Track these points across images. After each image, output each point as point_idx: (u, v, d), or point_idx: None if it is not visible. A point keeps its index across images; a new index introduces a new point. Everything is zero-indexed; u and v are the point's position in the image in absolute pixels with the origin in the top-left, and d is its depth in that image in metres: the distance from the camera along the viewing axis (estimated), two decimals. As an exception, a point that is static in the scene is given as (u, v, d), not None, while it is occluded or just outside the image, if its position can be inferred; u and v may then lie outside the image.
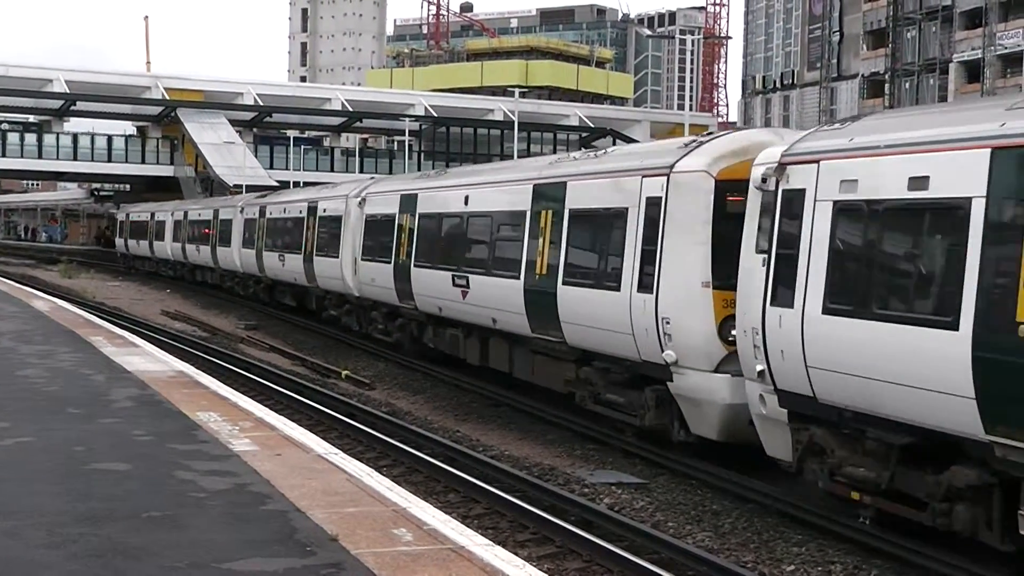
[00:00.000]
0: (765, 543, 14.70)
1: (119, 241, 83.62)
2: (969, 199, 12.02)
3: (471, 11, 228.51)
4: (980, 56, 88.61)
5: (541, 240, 22.43)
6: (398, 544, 9.86)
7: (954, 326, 12.04)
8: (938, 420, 12.50)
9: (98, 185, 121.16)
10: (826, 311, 14.05)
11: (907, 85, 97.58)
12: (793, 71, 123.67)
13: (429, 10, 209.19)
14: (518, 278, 23.14)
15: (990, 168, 11.83)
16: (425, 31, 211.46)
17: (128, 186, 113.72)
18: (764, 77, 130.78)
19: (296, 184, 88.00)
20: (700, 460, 18.42)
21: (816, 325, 14.26)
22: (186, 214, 65.15)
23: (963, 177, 12.12)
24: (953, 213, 12.28)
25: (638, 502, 16.67)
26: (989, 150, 11.88)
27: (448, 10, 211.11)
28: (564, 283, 21.24)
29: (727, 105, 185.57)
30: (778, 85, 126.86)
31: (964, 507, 12.70)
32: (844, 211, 14.11)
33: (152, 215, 74.06)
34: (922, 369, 12.54)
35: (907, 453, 13.47)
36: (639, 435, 19.85)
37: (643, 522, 15.32)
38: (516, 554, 11.08)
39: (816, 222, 14.55)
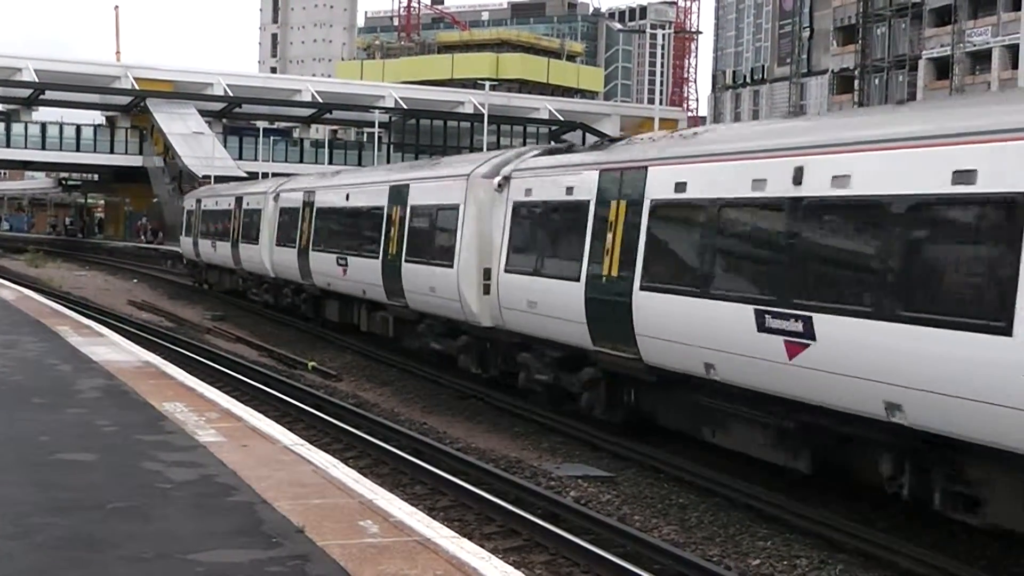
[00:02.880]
0: (731, 537, 14.74)
1: (186, 242, 56.94)
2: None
3: (442, 3, 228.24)
4: (949, 53, 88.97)
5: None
6: (364, 536, 9.84)
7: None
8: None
9: (66, 174, 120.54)
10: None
11: (876, 81, 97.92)
12: (763, 66, 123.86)
13: (400, 2, 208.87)
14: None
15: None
16: (396, 23, 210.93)
17: (96, 176, 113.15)
18: (734, 72, 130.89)
19: (264, 176, 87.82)
20: (668, 453, 18.47)
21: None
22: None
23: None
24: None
25: (604, 495, 16.69)
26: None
27: (419, 2, 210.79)
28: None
29: (697, 100, 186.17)
30: (748, 80, 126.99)
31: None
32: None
33: (239, 202, 46.81)
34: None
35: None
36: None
37: (610, 515, 15.33)
38: (482, 546, 11.07)
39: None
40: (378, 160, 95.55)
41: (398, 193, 29.14)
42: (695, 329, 16.59)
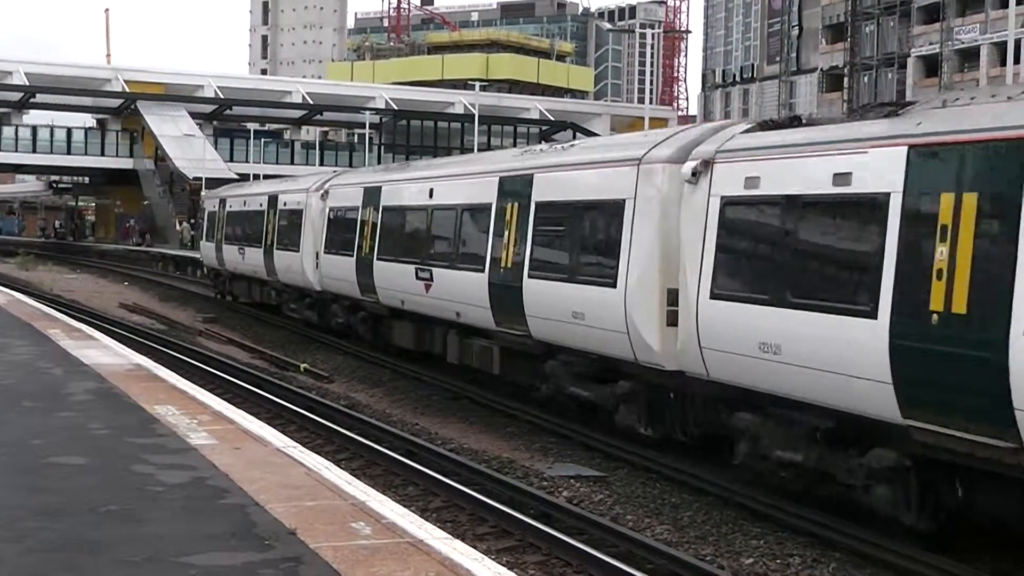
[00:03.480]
0: (724, 536, 14.75)
1: (207, 247, 49.56)
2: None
3: (432, 4, 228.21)
4: (938, 51, 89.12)
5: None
6: (357, 538, 9.84)
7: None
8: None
9: (56, 177, 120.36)
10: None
11: (866, 79, 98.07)
12: (753, 65, 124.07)
13: (390, 3, 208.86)
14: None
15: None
16: (386, 24, 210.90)
17: (87, 179, 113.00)
18: (724, 71, 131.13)
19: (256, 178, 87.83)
20: (660, 453, 18.48)
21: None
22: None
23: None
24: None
25: (597, 495, 16.70)
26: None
27: (409, 3, 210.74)
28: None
29: (687, 99, 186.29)
30: (738, 79, 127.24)
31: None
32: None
33: (273, 202, 39.99)
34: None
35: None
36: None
37: (602, 515, 15.34)
38: (475, 547, 11.08)
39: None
40: (369, 161, 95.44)
41: (514, 186, 22.54)
42: None
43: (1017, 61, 63.60)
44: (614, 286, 18.44)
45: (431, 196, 26.52)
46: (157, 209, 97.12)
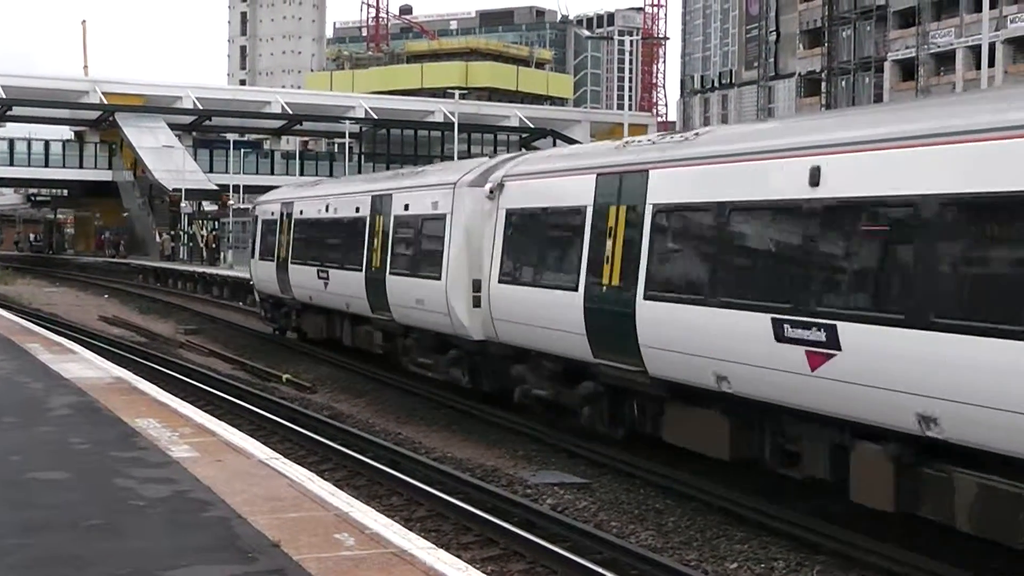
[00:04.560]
0: (708, 541, 14.75)
1: (262, 269, 38.76)
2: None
3: (410, 13, 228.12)
4: (914, 55, 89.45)
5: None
6: (340, 549, 9.81)
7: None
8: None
9: (35, 190, 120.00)
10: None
11: (843, 83, 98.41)
12: (731, 70, 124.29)
13: (368, 12, 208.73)
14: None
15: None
16: (364, 33, 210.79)
17: (66, 191, 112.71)
18: (702, 76, 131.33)
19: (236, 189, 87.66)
20: (644, 459, 18.49)
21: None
22: None
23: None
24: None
25: (581, 502, 16.70)
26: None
27: (387, 12, 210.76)
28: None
29: (666, 105, 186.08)
30: (716, 84, 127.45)
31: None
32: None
33: (380, 204, 28.96)
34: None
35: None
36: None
37: (586, 522, 15.34)
38: (459, 556, 11.06)
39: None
40: (349, 170, 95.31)
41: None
42: None
43: (991, 64, 63.93)
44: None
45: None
46: (137, 221, 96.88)
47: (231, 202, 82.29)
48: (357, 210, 29.70)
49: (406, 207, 26.76)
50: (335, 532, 10.33)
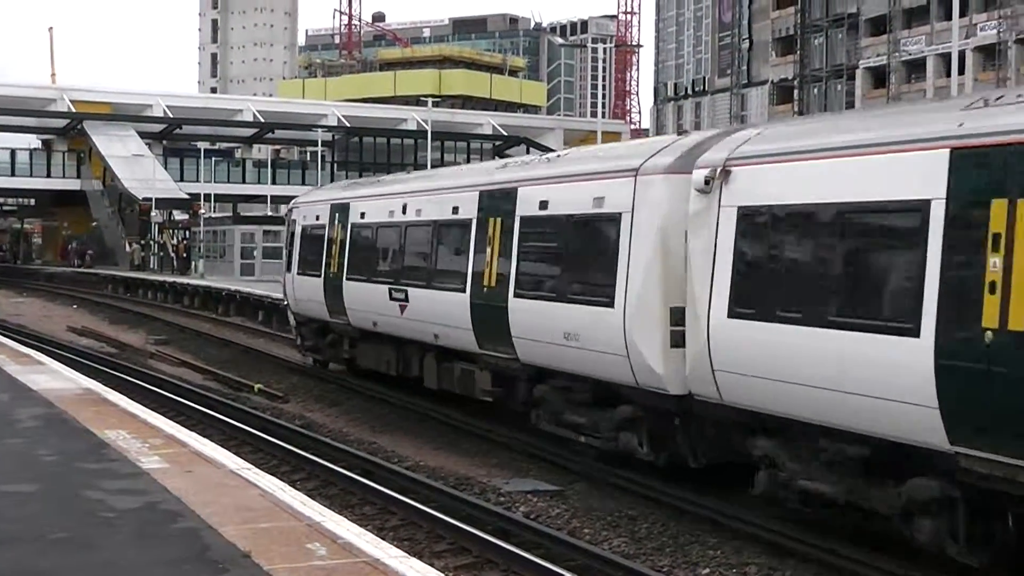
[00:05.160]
0: (681, 547, 14.75)
1: (303, 287, 31.68)
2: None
3: (383, 21, 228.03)
4: (886, 62, 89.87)
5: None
6: (312, 559, 9.76)
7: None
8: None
9: (1, 200, 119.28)
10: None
11: (815, 91, 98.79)
12: (704, 78, 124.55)
13: (341, 20, 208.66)
14: None
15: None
16: (337, 41, 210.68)
17: (33, 200, 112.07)
18: (676, 84, 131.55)
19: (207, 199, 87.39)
20: (616, 466, 18.47)
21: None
22: None
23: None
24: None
25: (554, 509, 16.67)
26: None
27: (360, 20, 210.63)
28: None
29: (639, 112, 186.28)
30: (690, 92, 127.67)
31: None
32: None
33: (502, 201, 21.58)
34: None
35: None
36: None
37: (559, 529, 15.32)
38: (432, 565, 11.03)
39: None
40: (322, 180, 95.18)
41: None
42: None
43: (962, 72, 64.22)
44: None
45: None
46: (106, 231, 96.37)
47: (202, 211, 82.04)
48: (455, 211, 22.76)
49: (543, 205, 19.43)
50: (307, 542, 10.28)
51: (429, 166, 71.35)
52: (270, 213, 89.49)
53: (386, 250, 26.52)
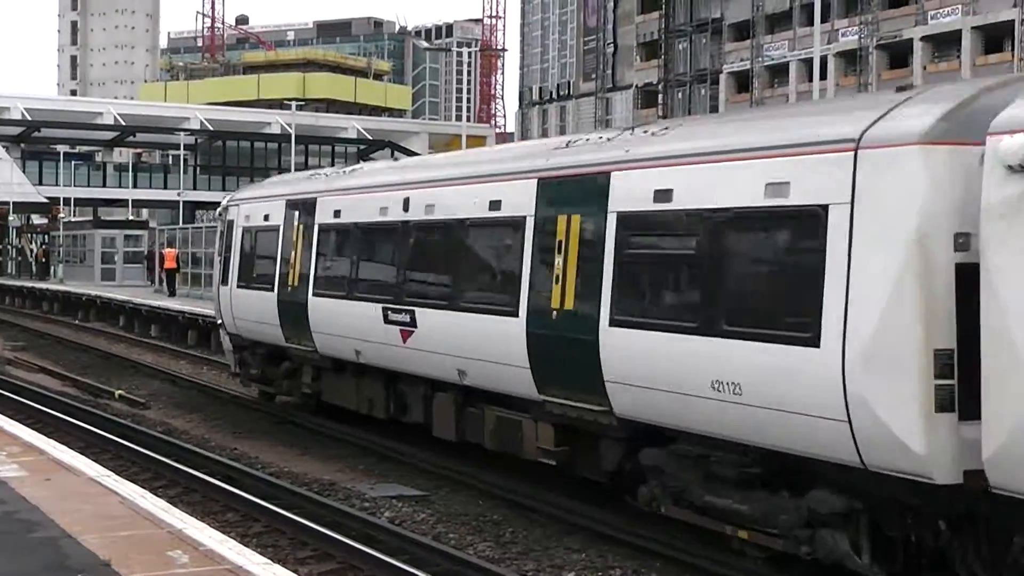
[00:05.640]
0: (546, 551, 14.82)
1: (241, 301, 25.91)
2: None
3: (246, 23, 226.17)
4: (749, 67, 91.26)
5: None
6: (174, 567, 9.67)
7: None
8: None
9: None
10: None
11: (680, 95, 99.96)
12: (569, 82, 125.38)
13: (203, 23, 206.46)
14: None
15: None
16: (200, 44, 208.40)
17: None
18: (541, 88, 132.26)
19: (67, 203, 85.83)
20: (480, 470, 18.54)
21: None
22: None
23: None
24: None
25: (419, 514, 16.67)
26: None
27: (223, 22, 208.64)
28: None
29: (504, 116, 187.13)
30: (554, 96, 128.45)
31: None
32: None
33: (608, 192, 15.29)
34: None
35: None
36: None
37: (424, 534, 15.31)
38: (296, 572, 11.00)
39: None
40: (184, 184, 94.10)
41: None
42: None
43: (823, 77, 65.48)
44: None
45: None
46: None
47: (61, 215, 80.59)
48: (496, 206, 17.04)
49: (661, 196, 13.71)
50: (168, 550, 10.18)
51: (293, 170, 70.57)
52: (131, 217, 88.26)
53: (378, 259, 21.07)
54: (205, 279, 53.64)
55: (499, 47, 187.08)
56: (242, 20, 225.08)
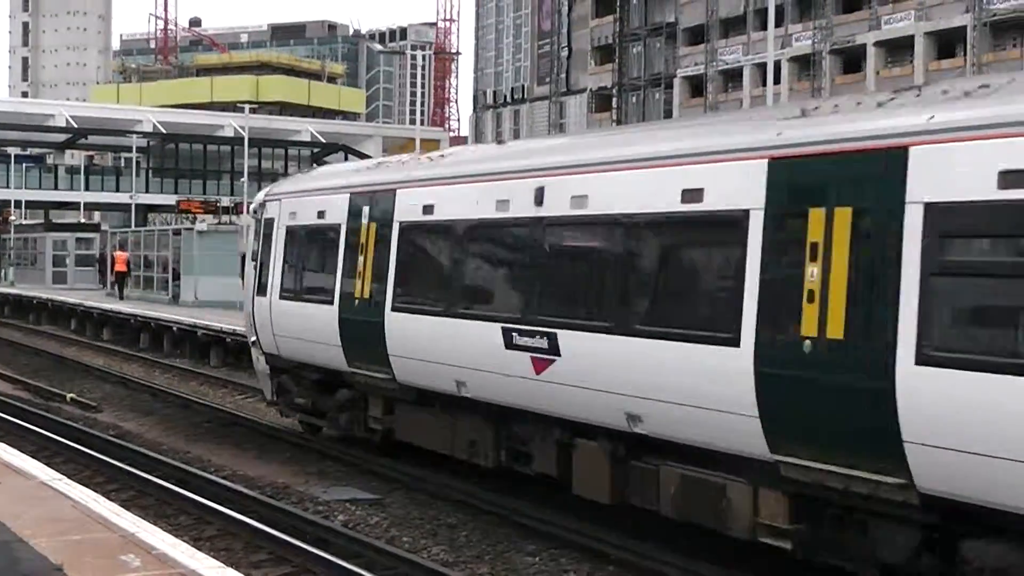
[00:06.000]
0: (500, 554, 14.82)
1: (281, 314, 21.66)
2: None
3: (200, 26, 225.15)
4: (703, 71, 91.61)
5: None
6: (126, 571, 9.63)
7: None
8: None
9: None
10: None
11: (634, 99, 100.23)
12: (523, 86, 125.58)
13: (156, 24, 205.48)
14: None
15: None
16: (153, 46, 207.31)
17: None
18: (495, 92, 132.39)
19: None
20: (435, 473, 18.53)
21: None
22: None
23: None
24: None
25: (373, 518, 16.63)
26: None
27: (176, 24, 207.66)
28: None
29: (458, 120, 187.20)
30: (509, 100, 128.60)
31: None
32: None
33: None
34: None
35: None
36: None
37: (378, 538, 15.29)
38: (249, 575, 10.94)
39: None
40: (136, 187, 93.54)
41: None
42: None
43: (777, 82, 65.74)
44: None
45: None
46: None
47: (12, 218, 79.99)
48: (692, 197, 12.74)
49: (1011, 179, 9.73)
50: (121, 554, 10.13)
51: (246, 174, 70.34)
52: (83, 220, 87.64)
53: (494, 266, 17.02)
54: (158, 282, 53.49)
55: (453, 50, 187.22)
56: (195, 22, 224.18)
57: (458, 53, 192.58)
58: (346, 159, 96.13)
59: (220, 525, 15.86)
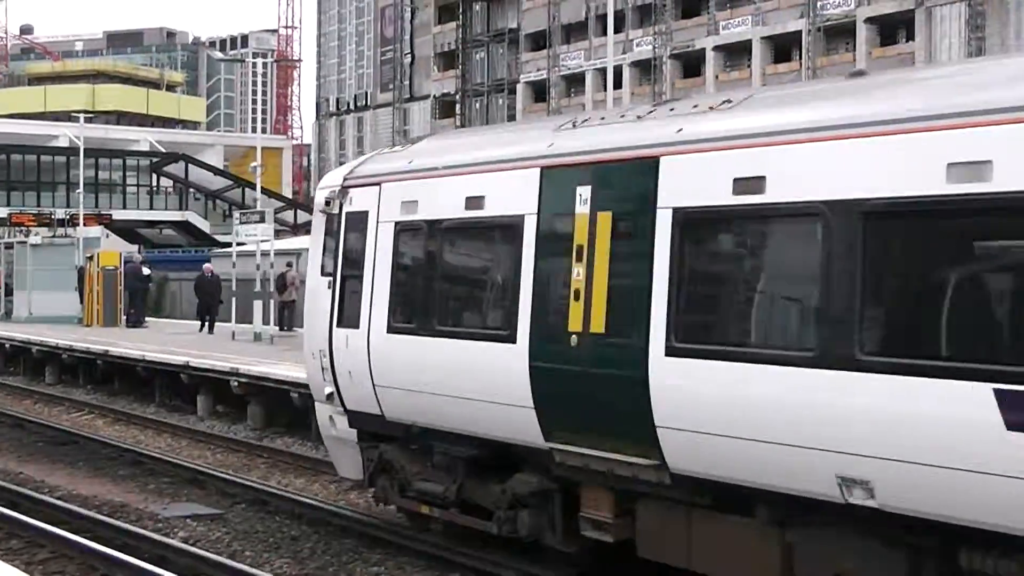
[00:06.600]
0: (344, 565, 14.57)
1: (382, 356, 14.26)
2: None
3: (31, 33, 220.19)
4: (545, 77, 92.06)
5: None
6: (-55, 600, 9.14)
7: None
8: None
9: None
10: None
11: (477, 105, 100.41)
12: (366, 93, 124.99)
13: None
14: None
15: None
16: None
17: None
18: (338, 99, 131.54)
19: None
20: (276, 486, 18.19)
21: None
22: None
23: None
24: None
25: (214, 533, 16.24)
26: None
27: (6, 32, 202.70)
28: None
29: (301, 128, 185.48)
30: (352, 107, 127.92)
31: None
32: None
33: None
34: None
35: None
36: None
37: (219, 553, 14.90)
38: (80, 599, 10.52)
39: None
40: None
41: None
42: None
43: (619, 86, 66.34)
44: None
45: None
46: None
47: None
48: None
49: None
50: (-61, 582, 9.63)
51: (82, 185, 68.60)
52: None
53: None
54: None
55: (295, 58, 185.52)
56: (27, 30, 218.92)
57: (300, 60, 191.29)
58: (186, 169, 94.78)
59: (53, 547, 15.30)
